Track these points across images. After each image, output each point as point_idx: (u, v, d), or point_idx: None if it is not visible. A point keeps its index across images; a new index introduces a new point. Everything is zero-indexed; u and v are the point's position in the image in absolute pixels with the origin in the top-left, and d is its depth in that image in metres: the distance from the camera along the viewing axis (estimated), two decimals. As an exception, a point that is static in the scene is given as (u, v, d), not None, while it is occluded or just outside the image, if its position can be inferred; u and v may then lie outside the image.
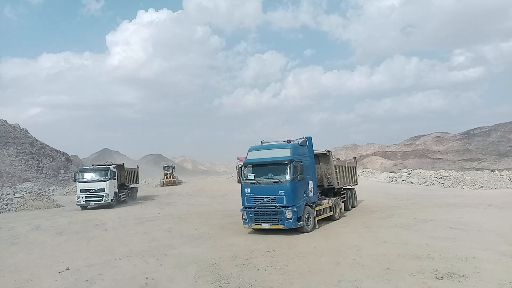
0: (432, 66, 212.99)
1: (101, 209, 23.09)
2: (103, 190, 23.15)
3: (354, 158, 24.98)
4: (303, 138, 13.98)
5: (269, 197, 12.39)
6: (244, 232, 13.22)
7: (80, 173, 24.17)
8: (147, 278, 8.11)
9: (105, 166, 24.77)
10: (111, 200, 23.47)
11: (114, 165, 25.39)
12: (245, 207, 12.92)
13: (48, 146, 57.02)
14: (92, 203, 23.53)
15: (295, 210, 12.15)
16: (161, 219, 17.45)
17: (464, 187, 29.22)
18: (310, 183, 13.51)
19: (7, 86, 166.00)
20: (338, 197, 16.00)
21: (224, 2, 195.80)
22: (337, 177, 16.09)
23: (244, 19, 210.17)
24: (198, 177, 64.61)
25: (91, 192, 23.18)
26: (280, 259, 9.13)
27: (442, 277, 7.33)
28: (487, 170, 40.51)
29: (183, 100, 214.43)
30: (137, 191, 30.79)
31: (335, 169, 16.05)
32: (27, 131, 58.18)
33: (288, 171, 12.32)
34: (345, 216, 16.32)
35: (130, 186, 29.44)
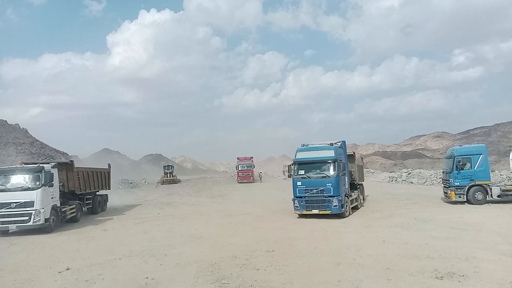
0: (432, 66, 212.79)
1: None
2: (31, 204, 14.33)
3: (361, 158, 25.46)
4: (340, 141, 16.83)
5: (318, 189, 15.16)
6: (244, 232, 13.24)
7: None
8: (147, 278, 8.11)
9: (35, 166, 15.65)
10: (46, 219, 14.60)
11: (54, 164, 16.55)
12: (297, 197, 15.55)
13: (48, 146, 57.03)
14: (14, 226, 14.54)
15: (340, 199, 14.99)
16: (161, 219, 17.45)
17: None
18: (346, 178, 16.40)
19: (8, 86, 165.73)
20: (358, 190, 18.68)
21: (225, 3, 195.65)
22: (357, 174, 19.19)
23: (245, 19, 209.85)
24: (198, 176, 64.67)
25: (10, 208, 14.31)
26: (280, 259, 9.13)
27: (442, 277, 7.33)
28: (487, 170, 40.43)
29: (184, 100, 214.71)
30: (106, 201, 22.56)
31: (356, 167, 19.11)
32: (27, 131, 58.18)
33: (334, 167, 15.19)
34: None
35: (94, 193, 21.02)
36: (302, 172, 15.66)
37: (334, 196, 14.88)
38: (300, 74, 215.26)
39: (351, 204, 16.50)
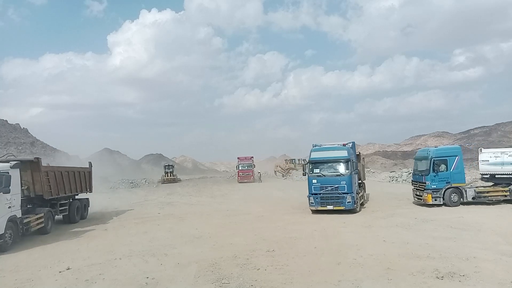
0: (432, 66, 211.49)
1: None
2: None
3: (363, 158, 25.59)
4: (350, 142, 18.12)
5: (332, 186, 16.14)
6: (244, 231, 13.24)
7: None
8: (147, 277, 8.12)
9: None
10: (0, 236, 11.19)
11: (14, 163, 12.55)
12: (312, 194, 16.50)
13: (48, 146, 57.16)
14: None
15: (353, 195, 16.08)
16: (161, 219, 17.44)
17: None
18: (356, 177, 17.71)
19: (9, 86, 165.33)
20: (362, 188, 19.57)
21: (225, 3, 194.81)
22: (362, 173, 20.69)
23: (245, 19, 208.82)
24: (198, 176, 64.69)
25: None
26: (281, 259, 9.14)
27: (442, 276, 7.34)
28: (488, 170, 40.37)
29: (184, 100, 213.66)
30: (87, 206, 18.87)
31: (361, 167, 20.47)
32: (27, 131, 58.31)
33: (347, 166, 16.31)
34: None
35: (72, 198, 17.66)
36: (317, 170, 16.68)
37: (348, 193, 15.92)
38: (301, 74, 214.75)
39: (360, 201, 17.47)
